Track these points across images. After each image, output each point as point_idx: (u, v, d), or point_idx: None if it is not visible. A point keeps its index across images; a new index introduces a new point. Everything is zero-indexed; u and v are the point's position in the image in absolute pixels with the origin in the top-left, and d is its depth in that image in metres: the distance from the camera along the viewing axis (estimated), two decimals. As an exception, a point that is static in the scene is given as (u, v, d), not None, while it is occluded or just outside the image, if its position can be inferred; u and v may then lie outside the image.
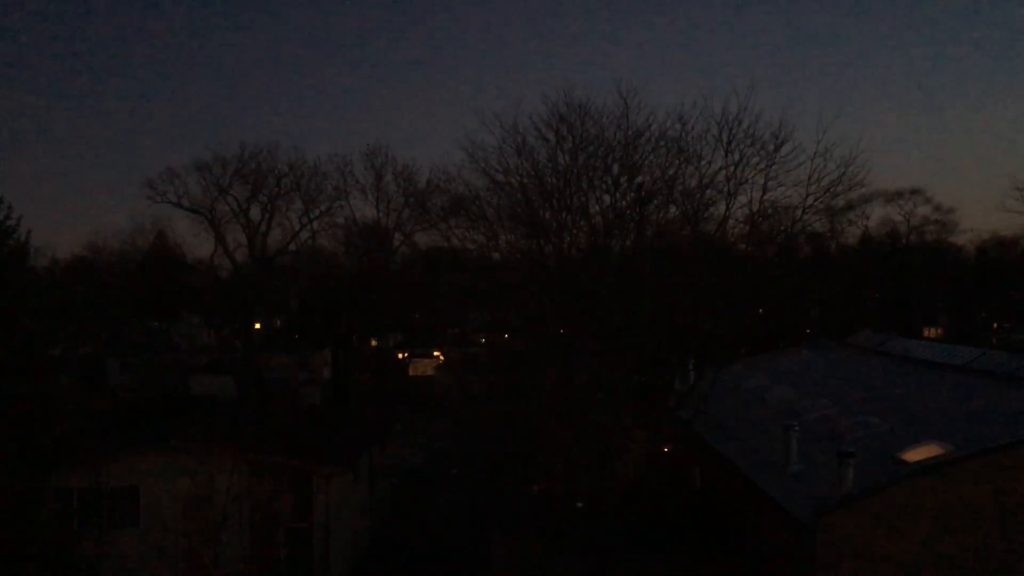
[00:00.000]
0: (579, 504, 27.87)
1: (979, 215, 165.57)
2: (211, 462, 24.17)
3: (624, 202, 30.58)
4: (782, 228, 31.46)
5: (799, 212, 29.26)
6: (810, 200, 28.42)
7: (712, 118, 28.81)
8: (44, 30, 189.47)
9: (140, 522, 25.03)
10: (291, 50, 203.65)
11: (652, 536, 25.56)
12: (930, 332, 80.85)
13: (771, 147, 28.21)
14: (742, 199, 29.17)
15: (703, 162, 29.36)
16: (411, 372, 79.86)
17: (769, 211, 29.56)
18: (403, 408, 53.68)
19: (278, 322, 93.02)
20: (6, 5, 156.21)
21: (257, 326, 77.86)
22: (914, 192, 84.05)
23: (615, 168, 30.16)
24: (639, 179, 30.46)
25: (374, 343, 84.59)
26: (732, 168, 28.66)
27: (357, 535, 29.58)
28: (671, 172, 29.93)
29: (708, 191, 29.58)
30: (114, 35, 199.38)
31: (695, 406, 29.34)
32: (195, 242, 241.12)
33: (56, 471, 23.56)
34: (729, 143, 28.48)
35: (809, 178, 27.97)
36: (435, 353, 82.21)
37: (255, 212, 69.02)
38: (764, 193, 28.67)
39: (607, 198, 30.57)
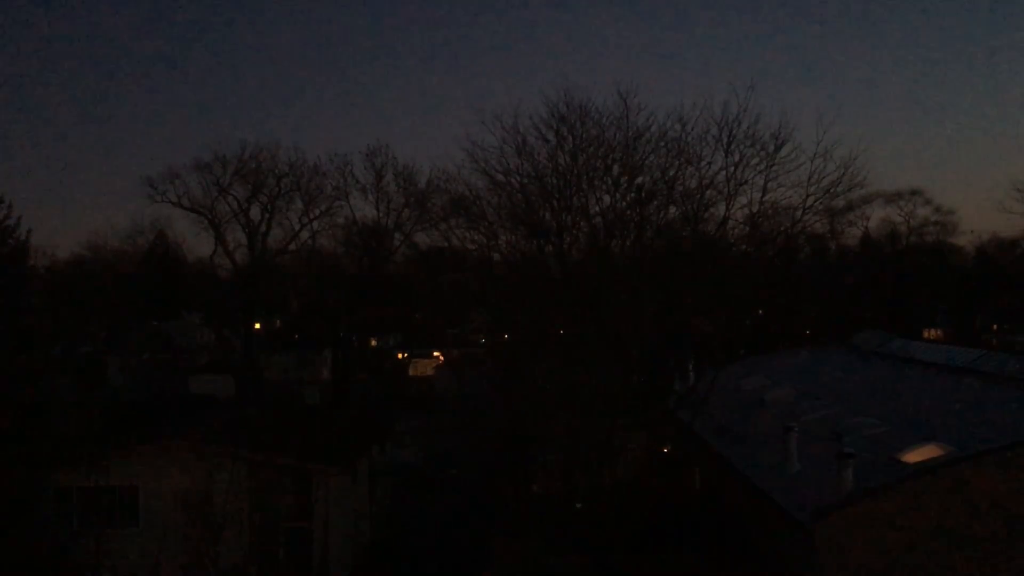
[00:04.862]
0: (578, 504, 27.86)
1: (979, 216, 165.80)
2: (211, 462, 24.14)
3: (624, 203, 30.59)
4: (782, 229, 31.47)
5: (799, 213, 29.31)
6: (810, 201, 28.46)
7: (712, 119, 28.84)
8: (44, 30, 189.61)
9: (139, 521, 24.99)
10: (291, 50, 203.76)
11: (652, 536, 25.56)
12: (930, 333, 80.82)
13: (771, 148, 28.25)
14: (742, 200, 29.20)
15: (703, 163, 29.39)
16: (411, 372, 79.87)
17: (769, 212, 29.58)
18: (403, 408, 53.63)
19: (278, 322, 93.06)
20: (7, 5, 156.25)
21: (257, 326, 77.78)
22: (914, 193, 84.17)
23: (615, 169, 30.17)
24: (639, 180, 30.48)
25: (374, 343, 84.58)
26: (732, 169, 28.69)
27: (357, 535, 29.54)
28: (671, 173, 29.96)
29: (708, 192, 29.60)
30: (114, 35, 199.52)
31: (695, 407, 29.34)
32: (195, 242, 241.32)
33: (55, 470, 23.55)
34: (729, 144, 28.51)
35: (809, 179, 28.01)
36: (435, 353, 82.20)
37: (255, 212, 69.01)
38: (764, 194, 28.70)
39: (607, 199, 30.60)
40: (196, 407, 33.75)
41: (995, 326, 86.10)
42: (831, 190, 28.23)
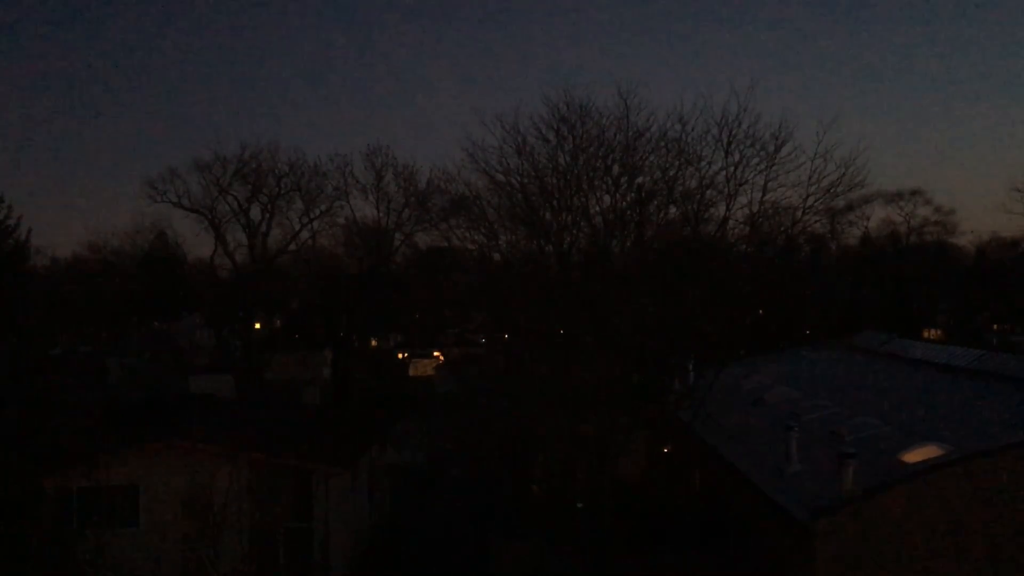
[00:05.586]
0: (579, 504, 27.86)
1: (979, 216, 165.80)
2: (211, 462, 24.17)
3: (624, 203, 30.57)
4: (782, 229, 31.45)
5: (799, 213, 29.24)
6: (810, 201, 28.40)
7: (712, 119, 28.78)
8: (44, 30, 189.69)
9: (140, 522, 25.01)
10: (291, 50, 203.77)
11: (652, 536, 25.57)
12: (930, 333, 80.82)
13: (771, 148, 28.18)
14: (742, 200, 29.15)
15: (703, 163, 29.34)
16: (411, 372, 79.88)
17: (769, 212, 29.54)
18: (403, 408, 53.64)
19: (278, 322, 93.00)
20: (7, 5, 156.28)
21: (257, 326, 77.82)
22: (914, 193, 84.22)
23: (615, 169, 30.14)
24: (639, 180, 30.45)
25: (374, 343, 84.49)
26: (732, 169, 28.64)
27: (357, 535, 29.55)
28: (671, 173, 29.92)
29: (708, 192, 29.56)
30: (114, 35, 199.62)
31: (695, 407, 29.34)
32: (195, 242, 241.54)
33: (55, 470, 23.54)
34: (729, 144, 28.46)
35: (809, 179, 27.96)
36: (435, 353, 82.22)
37: (255, 212, 69.07)
38: (764, 194, 28.64)
39: (607, 199, 30.56)
40: (196, 407, 33.74)
41: (995, 326, 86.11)
42: (831, 190, 28.18)
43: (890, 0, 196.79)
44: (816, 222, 32.24)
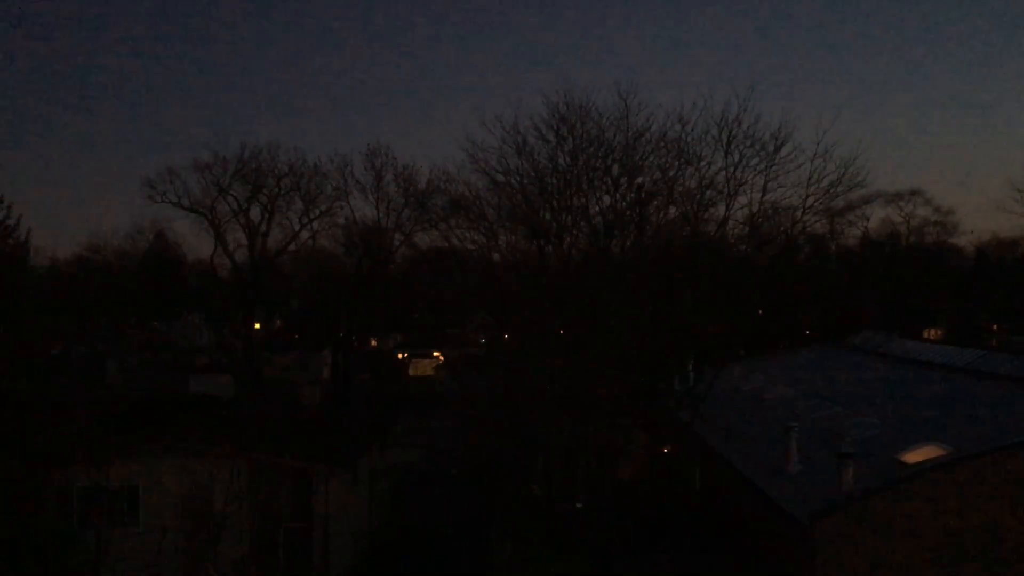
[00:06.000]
0: (579, 504, 27.87)
1: (979, 216, 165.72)
2: (211, 462, 24.13)
3: (624, 203, 30.62)
4: (782, 229, 31.51)
5: (799, 213, 29.34)
6: (810, 201, 28.49)
7: (712, 119, 28.88)
8: (44, 30, 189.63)
9: (140, 522, 24.99)
10: (291, 50, 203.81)
11: (652, 536, 25.56)
12: (930, 333, 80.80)
13: (771, 148, 28.28)
14: (742, 200, 29.24)
15: (703, 163, 29.43)
16: (411, 372, 79.95)
17: (769, 212, 29.60)
18: (403, 408, 53.65)
19: (278, 322, 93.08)
20: (6, 5, 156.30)
21: (257, 326, 77.84)
22: (914, 193, 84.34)
23: (615, 169, 30.21)
24: (639, 180, 30.52)
25: (374, 343, 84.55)
26: (732, 169, 28.72)
27: (357, 535, 29.55)
28: (671, 173, 30.00)
29: (708, 192, 29.65)
30: (114, 35, 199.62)
31: (695, 407, 29.34)
32: (195, 242, 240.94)
33: (55, 470, 23.52)
34: (729, 144, 28.54)
35: (809, 179, 28.04)
36: (435, 353, 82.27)
37: (255, 212, 69.03)
38: (764, 194, 28.73)
39: (607, 199, 30.63)
40: (196, 407, 33.74)
41: (995, 326, 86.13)
42: (831, 190, 28.28)
43: (890, 1, 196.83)
44: (816, 222, 32.34)
